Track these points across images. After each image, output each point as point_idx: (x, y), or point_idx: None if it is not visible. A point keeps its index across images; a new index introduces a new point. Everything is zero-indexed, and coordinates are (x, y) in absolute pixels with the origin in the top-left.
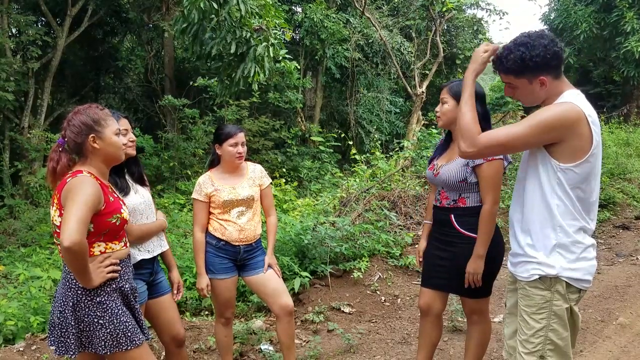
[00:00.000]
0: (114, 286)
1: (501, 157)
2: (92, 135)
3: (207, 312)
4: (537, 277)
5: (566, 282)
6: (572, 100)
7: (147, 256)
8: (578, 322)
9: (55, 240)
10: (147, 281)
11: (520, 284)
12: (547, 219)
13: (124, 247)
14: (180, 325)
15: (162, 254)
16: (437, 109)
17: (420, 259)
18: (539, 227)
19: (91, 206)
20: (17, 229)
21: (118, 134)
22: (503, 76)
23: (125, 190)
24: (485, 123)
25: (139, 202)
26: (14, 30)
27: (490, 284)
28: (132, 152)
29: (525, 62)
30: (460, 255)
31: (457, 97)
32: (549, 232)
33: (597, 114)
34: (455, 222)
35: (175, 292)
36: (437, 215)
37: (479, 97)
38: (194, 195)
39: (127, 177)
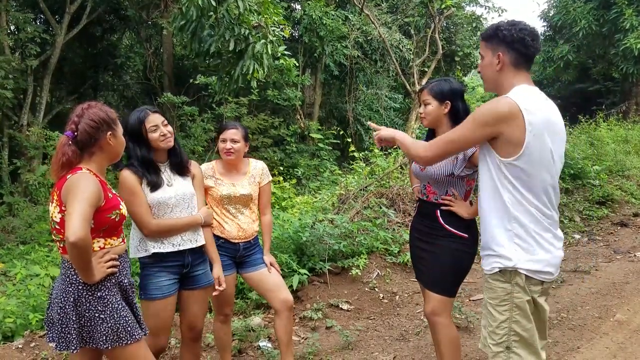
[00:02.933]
0: (113, 281)
1: None
2: (110, 132)
3: None
4: (498, 269)
5: (525, 274)
6: (511, 95)
7: (168, 249)
8: (544, 314)
9: (53, 236)
10: (178, 273)
11: (485, 277)
12: (501, 213)
13: (122, 243)
14: (202, 321)
15: (204, 249)
16: (421, 110)
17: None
18: (496, 221)
19: (93, 203)
20: (16, 227)
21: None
22: (480, 43)
23: (155, 186)
24: (465, 117)
25: (168, 197)
26: (12, 28)
27: (457, 284)
28: (169, 144)
29: (497, 30)
30: (443, 253)
31: (437, 97)
32: (505, 226)
33: (545, 112)
34: (441, 218)
35: (217, 286)
36: (422, 209)
37: (459, 93)
38: None
39: (167, 169)
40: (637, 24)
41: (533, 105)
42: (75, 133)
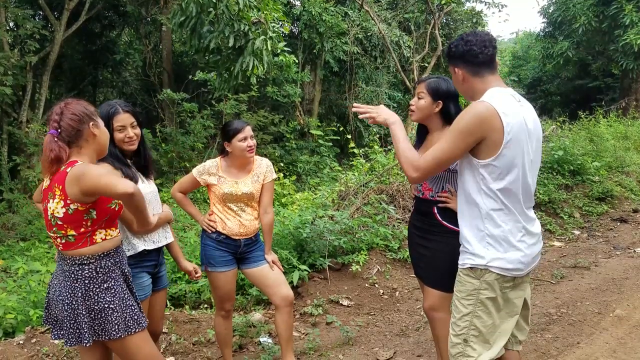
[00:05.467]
0: (118, 272)
1: None
2: (92, 122)
3: (206, 306)
4: (469, 266)
5: (497, 272)
6: (486, 98)
7: (151, 246)
8: (513, 307)
9: (52, 234)
10: (151, 273)
11: (458, 270)
12: (476, 212)
13: (119, 234)
14: (162, 322)
15: (168, 246)
16: (413, 102)
17: None
18: (470, 220)
19: (112, 173)
20: (16, 223)
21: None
22: None
23: (133, 179)
24: None
25: (147, 192)
26: (11, 24)
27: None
28: (132, 147)
29: (450, 49)
30: (441, 249)
31: (432, 93)
32: (479, 225)
33: (519, 112)
34: (438, 215)
35: (195, 275)
36: (419, 206)
37: (454, 96)
38: (193, 171)
39: (133, 167)
40: (637, 20)
41: (508, 107)
42: (59, 130)
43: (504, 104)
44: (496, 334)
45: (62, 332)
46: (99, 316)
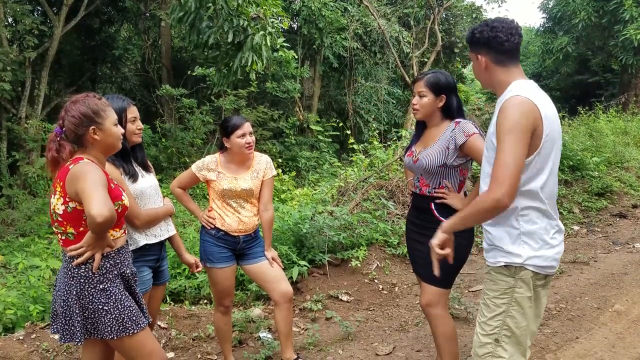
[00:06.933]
0: (115, 272)
1: (478, 131)
2: (92, 127)
3: (205, 301)
4: (503, 264)
5: (531, 270)
6: (519, 92)
7: (153, 241)
8: (541, 308)
9: (54, 229)
10: (153, 267)
11: (487, 269)
12: (510, 210)
13: (123, 234)
14: (157, 315)
15: (170, 239)
16: (415, 101)
17: None
18: (504, 217)
19: (104, 185)
20: (16, 219)
21: (117, 124)
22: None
23: (134, 176)
24: (459, 113)
25: (147, 186)
26: (10, 20)
27: (453, 275)
28: (139, 139)
29: (473, 34)
30: None
31: (434, 89)
32: (513, 222)
33: (550, 104)
34: (435, 211)
35: (196, 269)
36: (416, 202)
37: (454, 88)
38: (192, 167)
39: (134, 162)
40: (637, 15)
41: (541, 100)
42: (63, 128)
43: (537, 96)
44: (528, 338)
45: (58, 327)
46: (92, 316)
